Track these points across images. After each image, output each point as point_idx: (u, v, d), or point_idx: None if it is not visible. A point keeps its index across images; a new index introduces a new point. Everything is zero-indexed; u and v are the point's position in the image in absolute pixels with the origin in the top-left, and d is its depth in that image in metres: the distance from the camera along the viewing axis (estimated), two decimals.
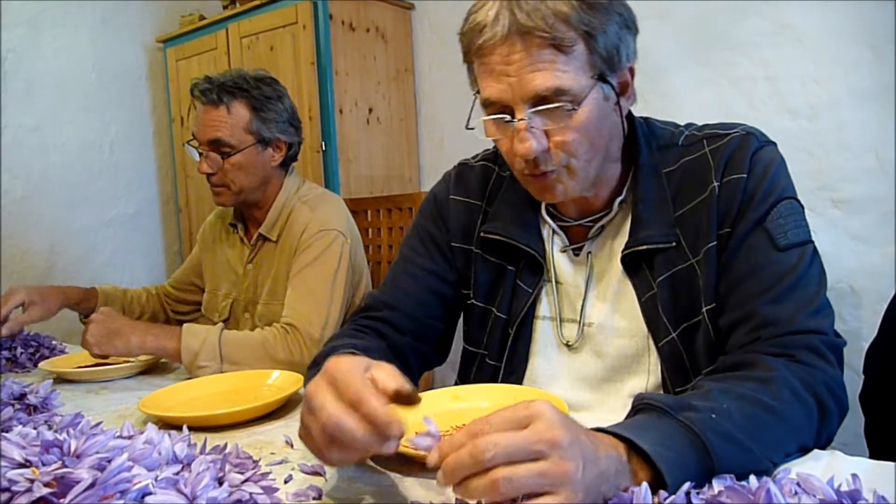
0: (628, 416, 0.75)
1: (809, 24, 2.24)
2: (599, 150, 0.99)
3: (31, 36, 3.09)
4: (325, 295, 1.62)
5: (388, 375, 0.69)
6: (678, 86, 2.53)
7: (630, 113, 1.09)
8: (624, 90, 1.00)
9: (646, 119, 1.12)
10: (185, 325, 1.48)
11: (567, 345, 1.11)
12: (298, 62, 2.92)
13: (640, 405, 0.75)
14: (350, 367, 0.68)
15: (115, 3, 3.43)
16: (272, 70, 2.96)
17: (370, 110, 3.08)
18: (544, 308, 1.13)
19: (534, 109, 0.92)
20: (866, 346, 1.31)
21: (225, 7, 3.24)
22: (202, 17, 3.38)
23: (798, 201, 0.98)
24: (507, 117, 0.94)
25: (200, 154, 1.71)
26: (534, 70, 0.90)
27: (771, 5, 2.30)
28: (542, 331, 1.13)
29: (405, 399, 0.67)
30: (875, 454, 1.23)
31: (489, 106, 0.96)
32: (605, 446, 0.64)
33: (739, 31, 2.37)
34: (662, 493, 0.63)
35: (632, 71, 1.00)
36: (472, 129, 1.00)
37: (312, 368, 0.96)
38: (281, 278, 1.73)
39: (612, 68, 0.94)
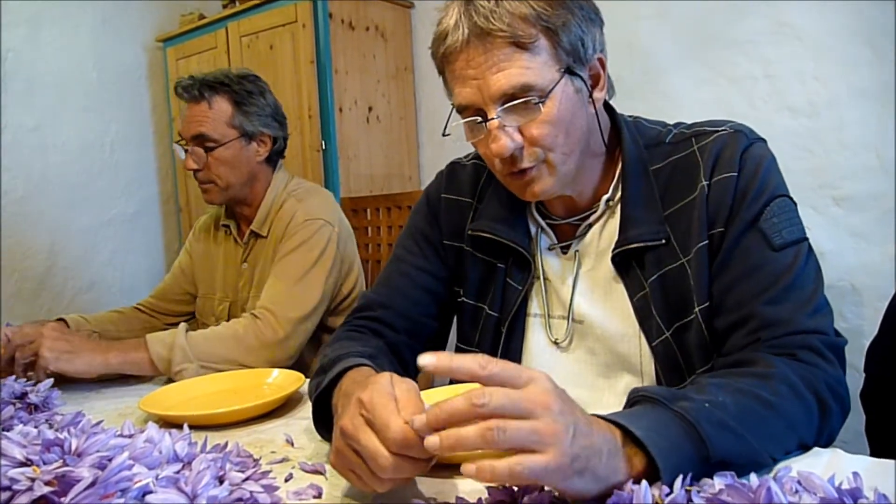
0: (624, 409, 0.76)
1: (809, 23, 2.24)
2: (577, 143, 0.99)
3: (32, 35, 3.08)
4: (304, 278, 1.61)
5: (404, 400, 0.69)
6: (678, 85, 2.53)
7: (615, 111, 1.10)
8: (596, 82, 1.01)
9: (634, 118, 1.12)
10: (147, 335, 1.43)
11: (556, 342, 1.11)
12: (298, 61, 2.92)
13: (636, 398, 0.75)
14: (382, 400, 0.68)
15: (115, 2, 3.43)
16: (272, 69, 2.98)
17: (370, 109, 3.08)
18: (534, 306, 1.13)
19: (503, 107, 0.93)
20: (867, 344, 1.31)
21: (225, 6, 3.24)
22: (202, 17, 3.38)
23: (790, 198, 0.98)
24: (479, 119, 0.96)
25: (186, 151, 1.71)
26: (497, 70, 0.92)
27: (770, 4, 2.30)
28: (534, 329, 1.13)
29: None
30: (876, 452, 1.23)
31: (463, 111, 0.98)
32: (600, 427, 0.65)
33: (739, 29, 2.37)
34: (664, 489, 0.63)
35: (601, 62, 1.01)
36: (448, 135, 1.02)
37: (319, 375, 0.94)
38: (269, 271, 1.71)
39: (578, 60, 0.95)
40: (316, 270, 1.63)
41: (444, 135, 1.03)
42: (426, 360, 0.62)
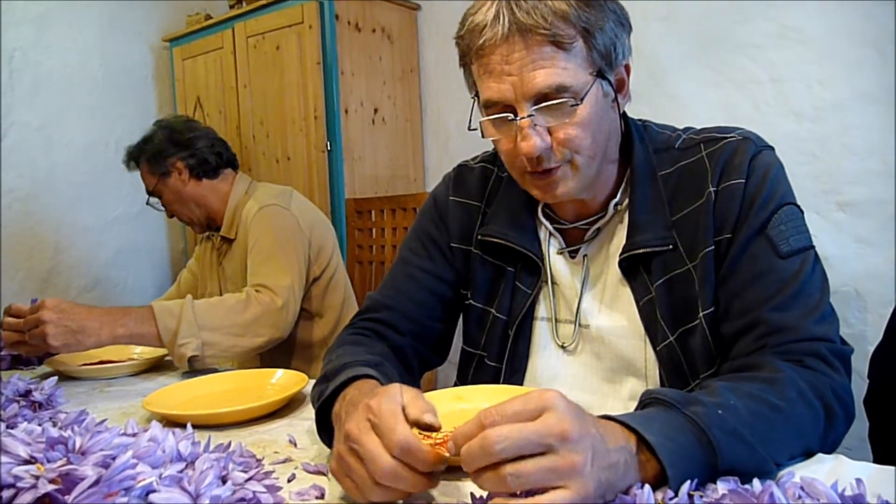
0: (636, 410, 0.76)
1: (814, 26, 2.23)
2: (600, 147, 0.99)
3: (38, 34, 3.09)
4: (281, 254, 1.75)
5: (411, 403, 0.69)
6: (682, 87, 2.52)
7: (626, 115, 1.09)
8: (621, 87, 1.01)
9: (643, 122, 1.12)
10: (154, 304, 1.48)
11: (563, 346, 1.11)
12: (304, 62, 2.92)
13: (649, 399, 0.75)
14: (391, 406, 0.68)
15: (122, 2, 3.44)
16: (278, 70, 2.99)
17: (375, 110, 3.08)
18: (542, 310, 1.13)
19: (536, 107, 0.92)
20: (871, 349, 1.31)
21: (231, 6, 3.25)
22: (208, 17, 3.39)
23: (798, 206, 0.98)
24: (510, 116, 0.94)
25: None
26: (535, 68, 0.90)
27: (775, 7, 2.29)
28: (541, 332, 1.13)
29: (426, 428, 0.68)
30: (879, 459, 1.23)
31: (490, 107, 0.96)
32: (616, 437, 0.65)
33: (744, 32, 2.37)
34: (668, 492, 0.63)
35: (627, 68, 1.01)
36: (475, 129, 1.00)
37: (323, 383, 0.93)
38: (239, 268, 1.87)
39: (609, 65, 0.95)
40: (287, 243, 1.78)
41: (469, 129, 1.02)
42: (451, 449, 0.62)
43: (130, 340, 1.45)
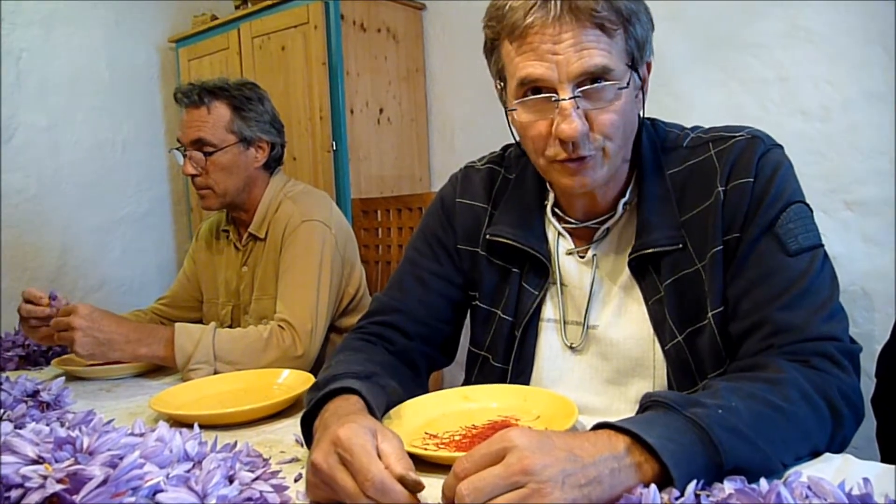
0: (637, 414, 0.76)
1: (822, 25, 2.22)
2: (628, 139, 0.99)
3: (45, 35, 3.10)
4: (314, 287, 1.63)
5: (395, 454, 0.69)
6: (689, 87, 2.52)
7: None
8: (643, 84, 1.01)
9: (651, 120, 1.11)
10: (177, 325, 1.47)
11: (571, 347, 1.10)
12: (310, 62, 2.93)
13: (648, 403, 0.75)
14: (361, 441, 0.69)
15: (128, 2, 3.45)
16: (283, 70, 3.00)
17: (381, 110, 3.08)
18: (549, 311, 1.13)
19: (583, 88, 0.91)
20: (878, 348, 1.31)
21: (237, 7, 3.25)
22: (214, 17, 3.40)
23: (807, 205, 0.97)
24: (554, 96, 0.92)
25: (185, 156, 1.73)
26: (582, 48, 0.90)
27: (783, 6, 2.28)
28: (547, 333, 1.12)
29: (407, 486, 0.66)
30: (887, 458, 1.23)
31: (525, 85, 0.94)
32: (598, 448, 0.65)
33: (751, 32, 2.36)
34: (674, 493, 0.63)
35: (649, 67, 1.01)
36: (514, 109, 0.98)
37: (313, 391, 0.93)
38: (270, 273, 1.74)
39: (640, 59, 0.96)
40: (322, 276, 1.66)
41: (510, 110, 0.99)
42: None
43: (150, 360, 1.46)
